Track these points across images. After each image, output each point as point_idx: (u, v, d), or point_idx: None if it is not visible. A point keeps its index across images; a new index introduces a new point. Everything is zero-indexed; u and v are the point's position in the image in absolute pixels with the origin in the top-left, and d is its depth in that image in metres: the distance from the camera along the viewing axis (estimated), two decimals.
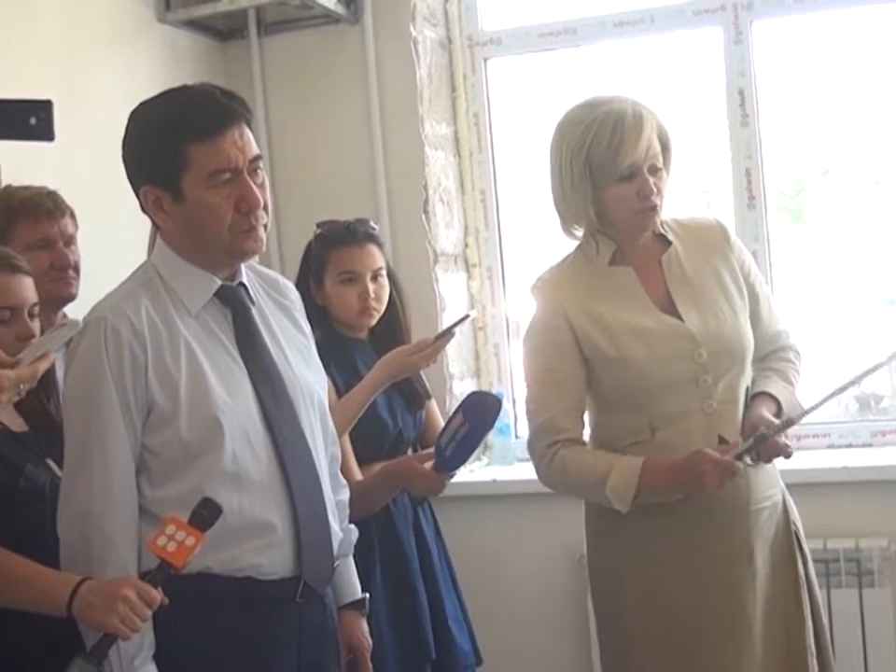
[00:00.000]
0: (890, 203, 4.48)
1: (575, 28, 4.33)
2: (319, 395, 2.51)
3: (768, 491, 2.87)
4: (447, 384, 4.24)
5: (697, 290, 2.85)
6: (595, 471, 2.76)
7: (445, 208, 4.37)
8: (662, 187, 2.80)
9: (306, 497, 2.37)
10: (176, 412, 2.26)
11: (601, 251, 2.86)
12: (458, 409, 2.90)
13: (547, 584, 4.13)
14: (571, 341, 2.82)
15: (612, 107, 2.77)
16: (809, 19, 4.20)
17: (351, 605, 2.65)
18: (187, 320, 2.33)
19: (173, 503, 2.24)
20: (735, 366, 2.82)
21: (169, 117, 2.28)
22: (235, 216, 2.27)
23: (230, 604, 2.27)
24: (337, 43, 4.33)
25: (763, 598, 2.83)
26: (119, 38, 3.93)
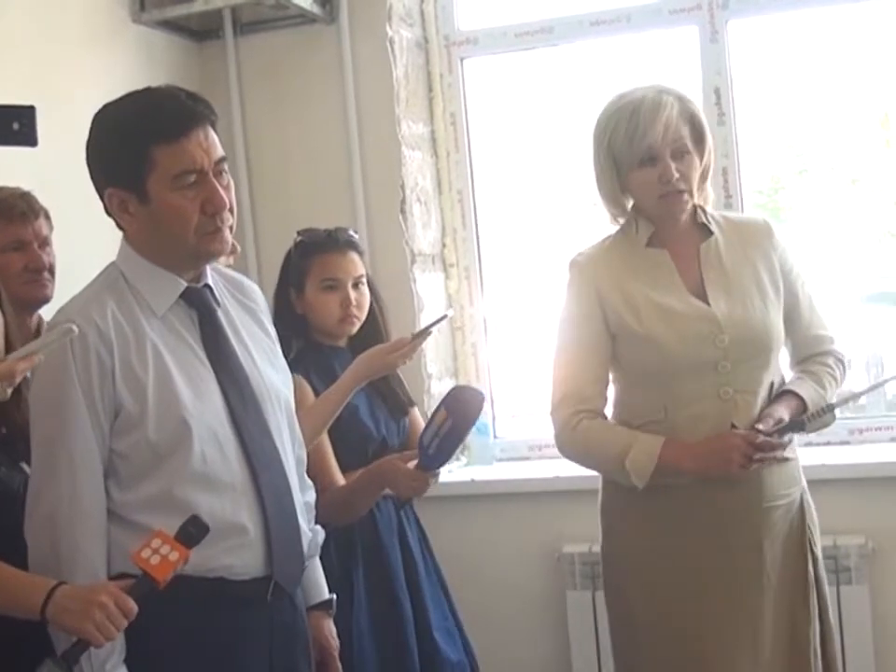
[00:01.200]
0: (867, 201, 4.49)
1: (552, 27, 4.32)
2: (286, 396, 2.51)
3: (785, 490, 2.89)
4: (425, 383, 4.23)
5: (731, 280, 2.88)
6: (617, 444, 2.80)
7: (422, 208, 4.36)
8: (688, 172, 2.83)
9: (276, 498, 2.36)
10: (144, 414, 2.25)
11: (640, 232, 2.91)
12: (440, 404, 2.89)
13: (525, 583, 4.13)
14: (600, 315, 2.87)
15: (635, 95, 2.83)
16: (785, 17, 4.21)
17: (318, 605, 2.65)
18: (153, 322, 2.32)
19: (142, 506, 2.25)
20: (757, 356, 2.84)
21: (134, 118, 2.28)
22: (201, 217, 2.27)
23: (200, 604, 2.26)
24: (313, 43, 4.31)
25: (771, 595, 2.84)
26: (94, 38, 3.90)
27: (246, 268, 4.16)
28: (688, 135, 2.82)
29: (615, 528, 2.98)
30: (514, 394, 4.59)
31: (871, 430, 4.09)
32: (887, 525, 3.83)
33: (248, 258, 4.23)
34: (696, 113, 2.87)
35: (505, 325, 4.59)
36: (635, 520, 2.91)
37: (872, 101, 4.39)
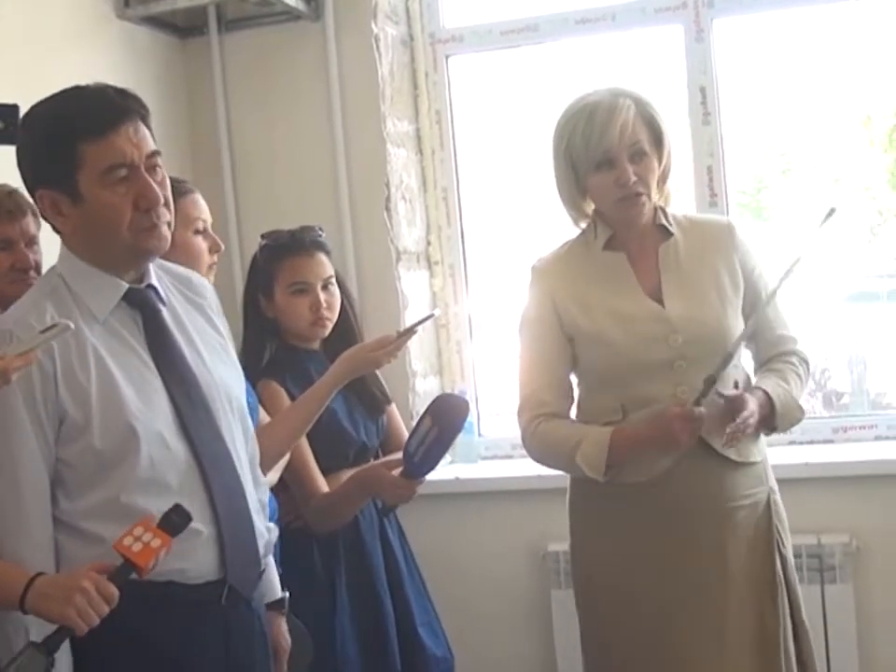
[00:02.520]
0: (850, 200, 4.50)
1: (537, 25, 4.32)
2: (237, 394, 2.47)
3: (749, 490, 2.89)
4: (409, 381, 4.22)
5: (688, 281, 2.89)
6: (569, 441, 2.82)
7: (407, 206, 4.35)
8: (645, 175, 2.82)
9: (228, 500, 2.32)
10: (88, 421, 2.21)
11: (598, 235, 2.92)
12: (426, 413, 2.89)
13: (510, 581, 4.13)
14: (556, 320, 2.90)
15: (591, 99, 2.83)
16: (770, 17, 4.21)
17: (271, 605, 2.61)
18: (94, 327, 2.28)
19: (90, 514, 2.22)
20: (713, 355, 2.82)
21: (60, 117, 2.24)
22: (135, 214, 2.23)
23: (152, 609, 2.21)
24: (298, 40, 4.30)
25: (736, 595, 2.84)
26: (78, 35, 3.88)
27: (231, 266, 4.14)
28: (646, 138, 2.82)
29: (580, 527, 3.01)
30: (499, 392, 4.58)
31: (854, 429, 4.10)
32: (871, 524, 3.83)
33: (233, 255, 4.21)
34: (654, 115, 2.86)
35: (489, 323, 4.58)
36: (599, 519, 2.93)
37: (855, 101, 4.40)
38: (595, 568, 2.95)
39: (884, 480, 3.78)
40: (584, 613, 3.03)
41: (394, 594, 3.30)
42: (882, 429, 4.08)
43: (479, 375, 4.50)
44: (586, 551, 2.99)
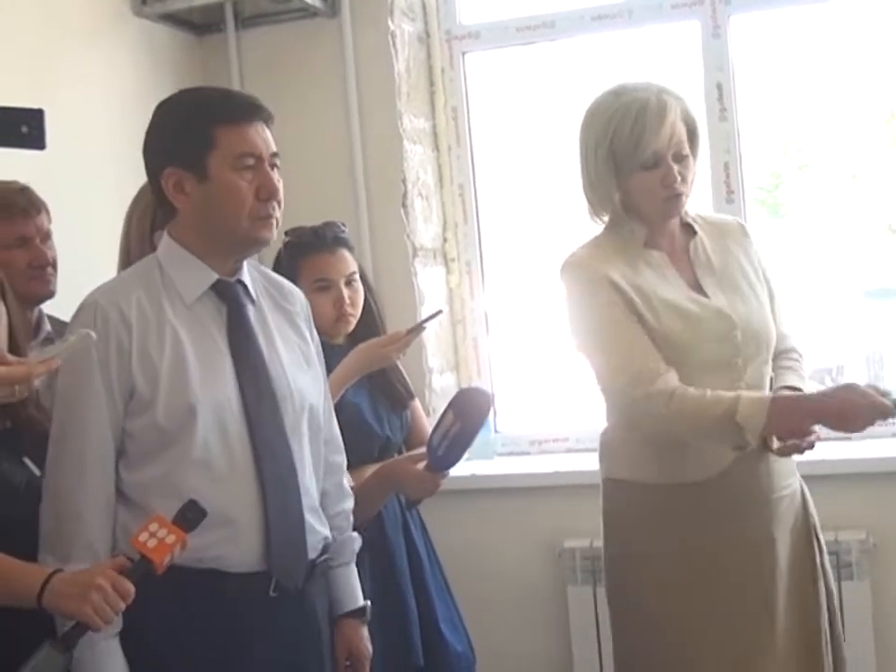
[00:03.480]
0: (867, 196, 4.49)
1: (553, 22, 4.32)
2: (313, 401, 2.52)
3: (787, 479, 2.88)
4: (426, 378, 4.23)
5: (723, 278, 2.87)
6: (722, 403, 2.67)
7: (424, 202, 4.36)
8: (687, 174, 2.81)
9: (279, 493, 2.37)
10: (155, 397, 2.30)
11: (635, 233, 2.86)
12: (448, 407, 2.88)
13: (527, 578, 4.13)
14: (622, 300, 2.77)
15: (637, 95, 2.77)
16: (787, 13, 4.20)
17: (351, 613, 2.66)
18: (179, 310, 2.38)
19: (146, 488, 2.31)
20: (762, 351, 2.83)
21: (200, 102, 2.40)
22: (255, 202, 2.33)
23: (197, 597, 2.28)
24: (314, 37, 4.31)
25: (783, 587, 2.84)
26: (96, 32, 3.90)
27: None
28: (686, 137, 2.81)
29: (620, 529, 2.93)
30: (515, 388, 4.59)
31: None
32: (888, 521, 3.82)
33: None
34: (691, 114, 2.85)
35: (506, 319, 4.58)
36: (643, 523, 2.86)
37: (873, 96, 4.39)
38: (639, 570, 2.87)
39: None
40: (624, 614, 2.95)
41: (416, 588, 3.30)
42: None
43: (495, 372, 4.50)
44: (629, 552, 2.90)
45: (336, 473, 2.65)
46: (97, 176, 3.70)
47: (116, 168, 3.66)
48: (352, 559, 2.67)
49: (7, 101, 2.18)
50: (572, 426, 4.41)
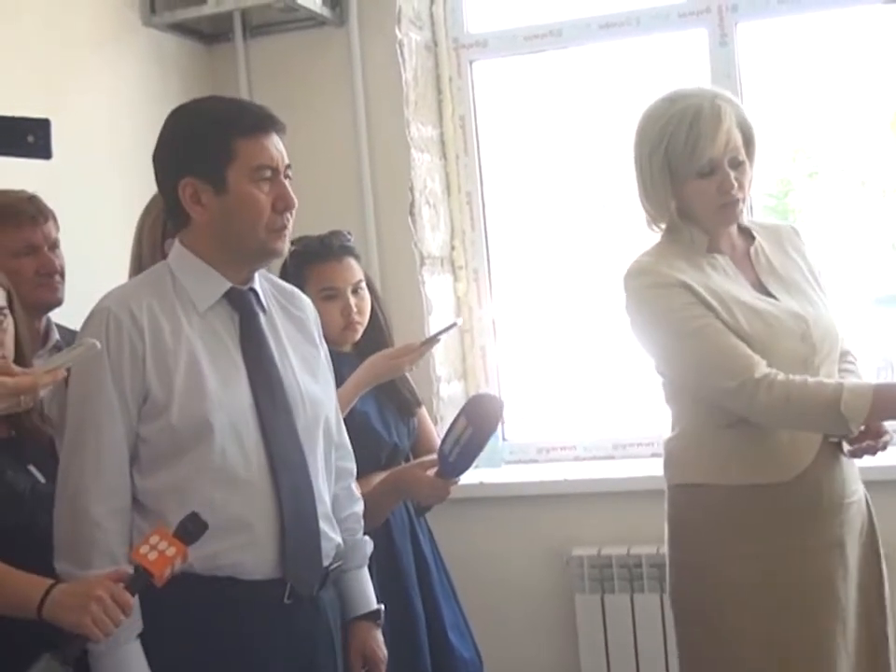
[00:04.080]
0: (877, 203, 4.48)
1: (560, 30, 4.32)
2: (324, 408, 2.53)
3: (856, 485, 2.87)
4: (434, 386, 4.23)
5: (787, 281, 2.86)
6: (825, 392, 2.65)
7: (431, 211, 4.36)
8: (743, 180, 2.79)
9: (294, 500, 2.38)
10: (169, 402, 2.30)
11: (696, 239, 2.84)
12: (461, 413, 2.89)
13: (534, 586, 4.13)
14: (698, 301, 2.74)
15: (691, 102, 2.76)
16: (794, 20, 4.20)
17: (364, 616, 2.66)
18: (192, 318, 2.39)
19: (159, 494, 2.31)
20: (834, 350, 2.83)
21: (218, 113, 2.40)
22: (272, 213, 2.34)
23: (213, 605, 2.29)
24: (322, 45, 4.32)
25: (853, 593, 2.82)
26: (104, 41, 3.91)
27: None
28: (741, 143, 2.78)
29: (694, 538, 2.87)
30: (523, 397, 4.59)
31: None
32: None
33: None
34: (747, 119, 2.82)
35: (514, 327, 4.58)
36: (717, 527, 2.82)
37: (881, 103, 4.39)
38: (715, 579, 2.81)
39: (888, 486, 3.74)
40: (697, 626, 2.88)
41: (424, 595, 3.30)
42: None
43: (503, 380, 4.49)
44: (704, 557, 2.84)
45: (346, 478, 2.66)
46: (105, 185, 3.71)
47: (124, 177, 3.67)
48: (364, 563, 2.68)
49: (17, 110, 2.19)
50: (580, 434, 4.42)
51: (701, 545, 2.85)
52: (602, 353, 4.49)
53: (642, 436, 4.31)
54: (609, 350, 4.42)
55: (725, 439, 2.80)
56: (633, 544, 3.97)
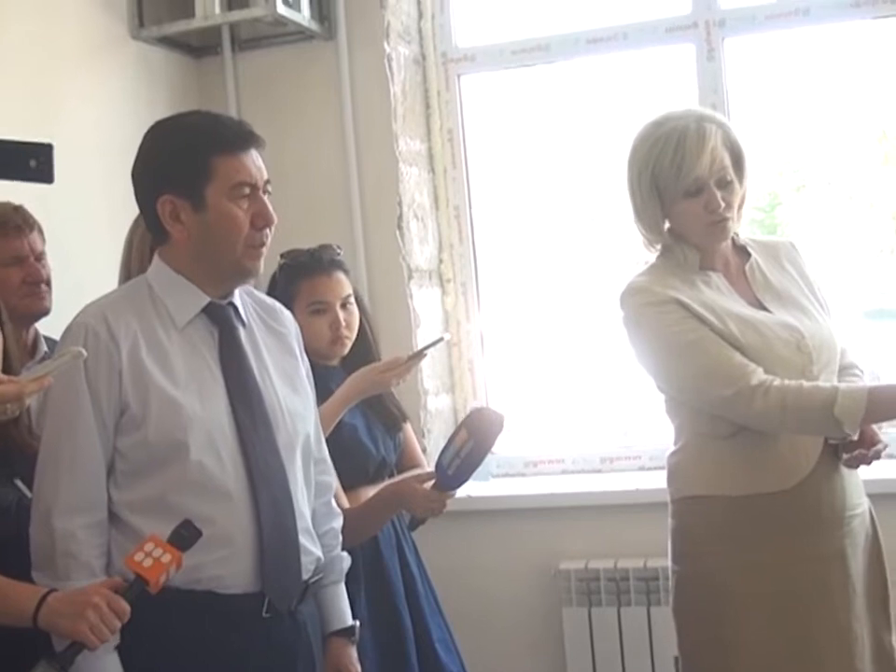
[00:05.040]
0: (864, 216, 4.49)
1: (548, 45, 4.33)
2: (304, 422, 2.53)
3: (860, 499, 2.89)
4: (421, 399, 4.23)
5: (783, 295, 2.88)
6: (819, 396, 2.68)
7: (419, 224, 4.37)
8: (732, 199, 2.81)
9: (273, 513, 2.37)
10: (146, 417, 2.30)
11: (688, 258, 2.87)
12: (461, 426, 2.89)
13: (522, 599, 4.13)
14: (692, 315, 2.78)
15: (677, 123, 2.80)
16: (781, 36, 4.21)
17: (340, 632, 2.65)
18: (171, 333, 2.38)
19: (136, 507, 2.31)
20: (832, 361, 2.84)
21: (197, 130, 2.39)
22: (250, 230, 2.35)
23: (192, 619, 2.28)
24: (311, 59, 4.33)
25: (857, 605, 2.83)
26: (92, 55, 3.92)
27: None
28: (729, 163, 2.81)
29: (698, 549, 2.89)
30: (511, 410, 4.59)
31: None
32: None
33: None
34: (736, 139, 2.85)
35: (502, 341, 4.58)
36: (720, 538, 2.83)
37: (869, 117, 4.40)
38: (719, 591, 2.83)
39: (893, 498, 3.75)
40: (703, 637, 2.88)
41: (410, 610, 3.29)
42: (894, 448, 4.05)
43: (491, 393, 4.49)
44: (709, 568, 2.85)
45: (325, 493, 2.65)
46: (93, 198, 3.71)
47: (112, 190, 3.64)
48: (341, 578, 2.66)
49: (5, 124, 2.20)
50: (568, 447, 4.42)
51: (704, 556, 2.87)
52: (590, 366, 4.50)
53: (630, 450, 4.32)
54: (597, 364, 4.43)
55: (726, 450, 2.83)
56: (620, 558, 3.97)
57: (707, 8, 4.16)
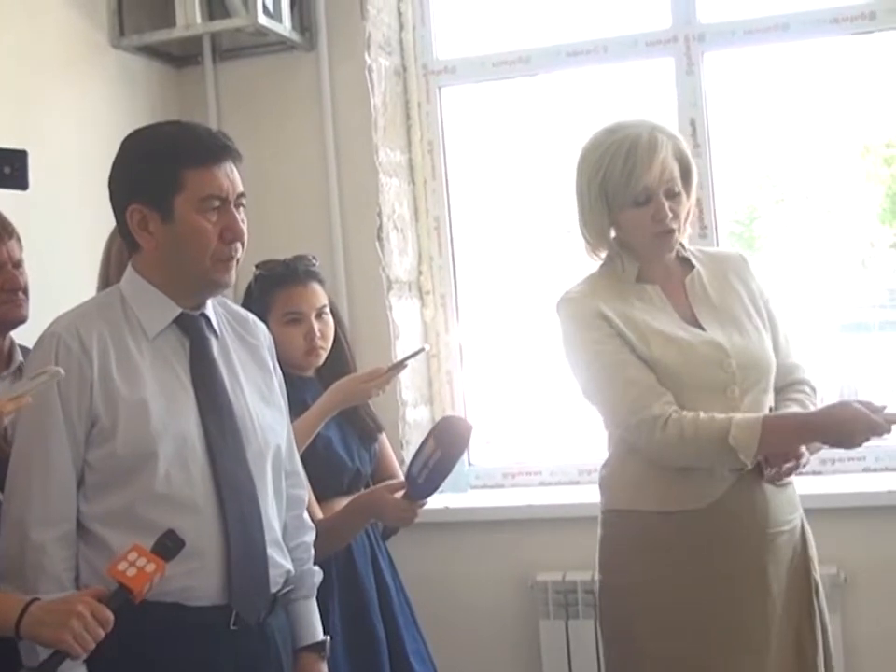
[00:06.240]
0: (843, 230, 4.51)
1: (529, 57, 4.34)
2: (275, 434, 2.52)
3: (788, 516, 2.88)
4: (400, 411, 4.23)
5: (721, 310, 2.89)
6: (714, 426, 2.72)
7: (399, 235, 4.36)
8: (679, 210, 2.84)
9: (241, 526, 2.37)
10: (115, 428, 2.30)
11: (627, 268, 2.89)
12: (429, 435, 2.91)
13: (499, 611, 4.12)
14: (615, 333, 2.82)
15: (629, 132, 2.81)
16: (760, 50, 4.22)
17: (310, 647, 2.63)
18: (142, 344, 2.38)
19: (104, 520, 2.30)
20: (761, 381, 2.85)
21: (169, 141, 2.38)
22: (218, 244, 2.34)
23: (161, 633, 2.27)
24: (292, 70, 4.33)
25: (776, 624, 2.83)
26: (73, 63, 3.91)
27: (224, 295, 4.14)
28: (678, 174, 2.84)
29: (617, 561, 2.92)
30: (489, 421, 4.59)
31: (843, 460, 4.08)
32: (859, 556, 3.83)
33: None
34: (685, 151, 2.88)
35: (480, 352, 4.58)
36: (641, 549, 2.86)
37: (847, 131, 4.42)
38: (635, 603, 2.87)
39: (872, 511, 3.77)
40: (621, 649, 2.93)
41: (385, 621, 3.29)
42: (870, 461, 4.07)
43: (469, 405, 4.49)
44: (624, 585, 2.90)
45: (297, 506, 2.64)
46: (73, 207, 3.69)
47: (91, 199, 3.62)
48: (312, 593, 2.65)
49: None
50: (546, 459, 4.42)
51: (623, 569, 2.90)
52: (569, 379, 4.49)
53: None
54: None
55: (644, 466, 2.86)
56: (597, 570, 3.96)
57: (686, 23, 4.17)
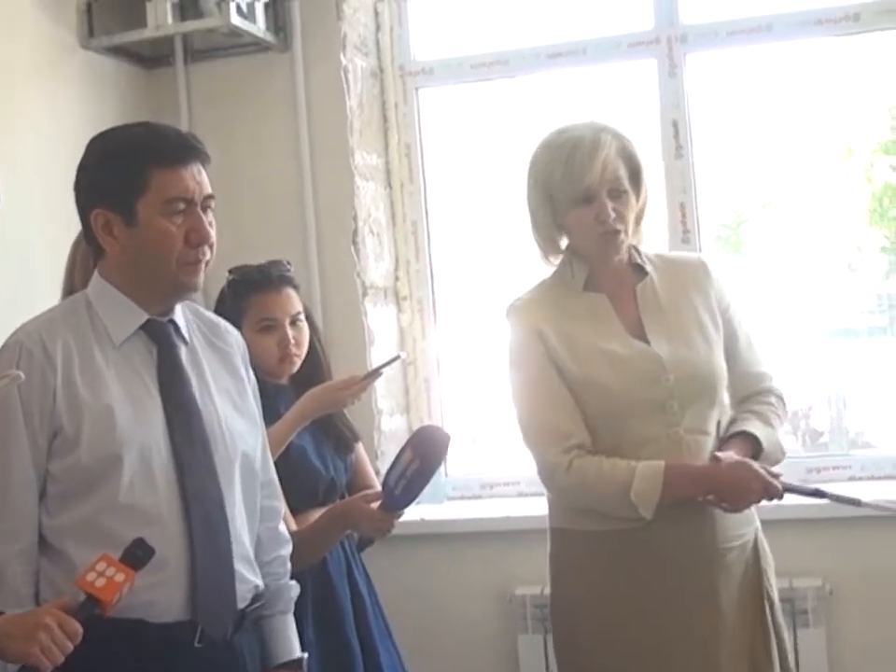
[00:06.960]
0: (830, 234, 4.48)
1: (508, 59, 4.30)
2: (246, 443, 2.47)
3: (739, 530, 2.85)
4: (376, 420, 4.17)
5: (670, 320, 2.87)
6: (617, 478, 2.73)
7: (375, 240, 4.31)
8: (625, 211, 2.81)
9: (207, 536, 2.31)
10: (79, 435, 2.26)
11: (576, 275, 2.88)
12: (406, 444, 2.88)
13: (477, 625, 4.07)
14: (547, 353, 2.81)
15: (573, 133, 2.81)
16: (743, 52, 4.19)
17: (286, 664, 2.57)
18: (108, 351, 2.34)
19: (65, 532, 2.26)
20: (704, 395, 2.82)
21: (134, 141, 2.34)
22: (184, 247, 2.30)
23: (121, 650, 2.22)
24: (266, 71, 4.27)
25: (728, 641, 2.79)
26: (42, 64, 3.85)
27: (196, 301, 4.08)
28: (625, 175, 2.81)
29: (565, 576, 2.93)
30: (467, 431, 4.54)
31: (829, 469, 4.06)
32: (844, 567, 3.80)
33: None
34: (634, 152, 2.86)
35: (458, 360, 4.53)
36: (585, 566, 2.85)
37: (833, 134, 4.39)
38: (582, 617, 2.86)
39: (857, 522, 3.70)
40: (568, 663, 2.95)
41: (360, 636, 3.25)
42: (856, 470, 4.05)
43: (447, 413, 4.43)
44: (572, 600, 2.90)
45: (272, 519, 2.59)
46: (39, 211, 3.63)
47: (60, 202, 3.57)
48: (289, 608, 2.60)
49: None
50: (524, 469, 4.33)
51: (570, 583, 2.90)
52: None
53: None
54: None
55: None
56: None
57: (669, 24, 4.13)
